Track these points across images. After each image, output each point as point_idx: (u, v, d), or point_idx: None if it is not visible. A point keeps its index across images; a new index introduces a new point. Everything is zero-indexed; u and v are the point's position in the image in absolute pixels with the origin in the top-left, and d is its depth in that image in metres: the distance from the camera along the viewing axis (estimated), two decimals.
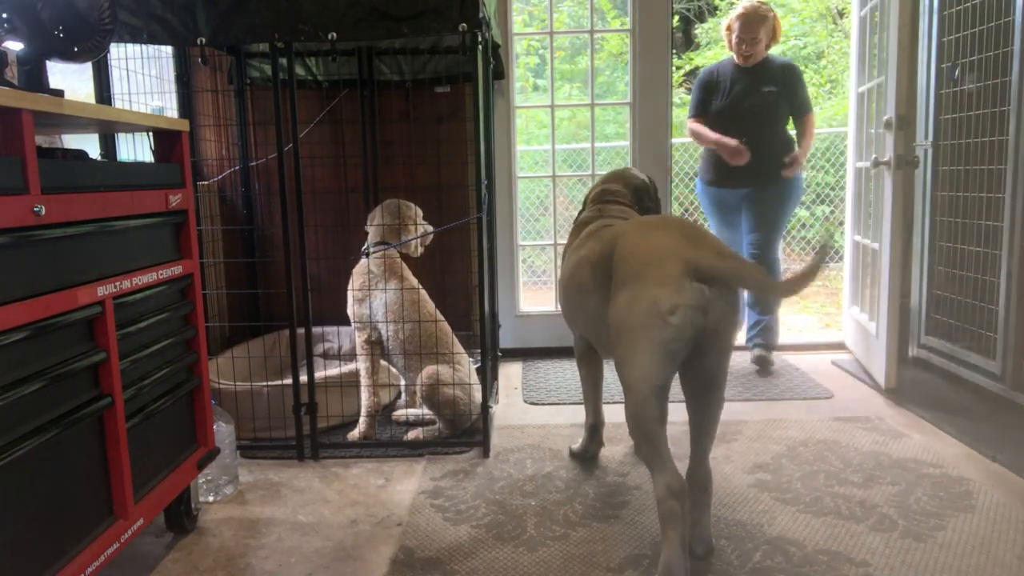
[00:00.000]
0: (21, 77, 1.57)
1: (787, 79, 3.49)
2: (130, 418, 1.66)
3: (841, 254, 4.69)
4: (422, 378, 2.69)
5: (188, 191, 1.94)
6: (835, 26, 8.63)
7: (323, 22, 2.29)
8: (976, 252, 3.14)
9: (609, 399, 3.19)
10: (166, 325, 1.86)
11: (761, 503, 2.16)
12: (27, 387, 1.34)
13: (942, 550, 1.87)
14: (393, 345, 2.76)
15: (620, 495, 2.24)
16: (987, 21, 3.04)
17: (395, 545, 1.98)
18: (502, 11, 3.61)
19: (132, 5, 2.30)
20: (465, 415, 2.75)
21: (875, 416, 2.87)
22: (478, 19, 2.28)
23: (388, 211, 2.88)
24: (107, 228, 1.59)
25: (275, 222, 3.57)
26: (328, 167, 3.57)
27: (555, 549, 1.93)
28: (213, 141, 3.54)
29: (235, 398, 2.69)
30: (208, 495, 2.27)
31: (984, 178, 3.11)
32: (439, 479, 2.39)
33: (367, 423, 2.75)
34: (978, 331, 3.11)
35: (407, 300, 2.75)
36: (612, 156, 5.49)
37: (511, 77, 3.77)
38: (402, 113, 3.58)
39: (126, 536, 1.62)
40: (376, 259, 2.79)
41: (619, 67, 7.26)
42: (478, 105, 2.58)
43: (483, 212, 2.66)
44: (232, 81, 3.45)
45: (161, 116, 2.67)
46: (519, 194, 4.02)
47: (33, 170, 1.34)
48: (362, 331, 2.80)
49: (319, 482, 2.40)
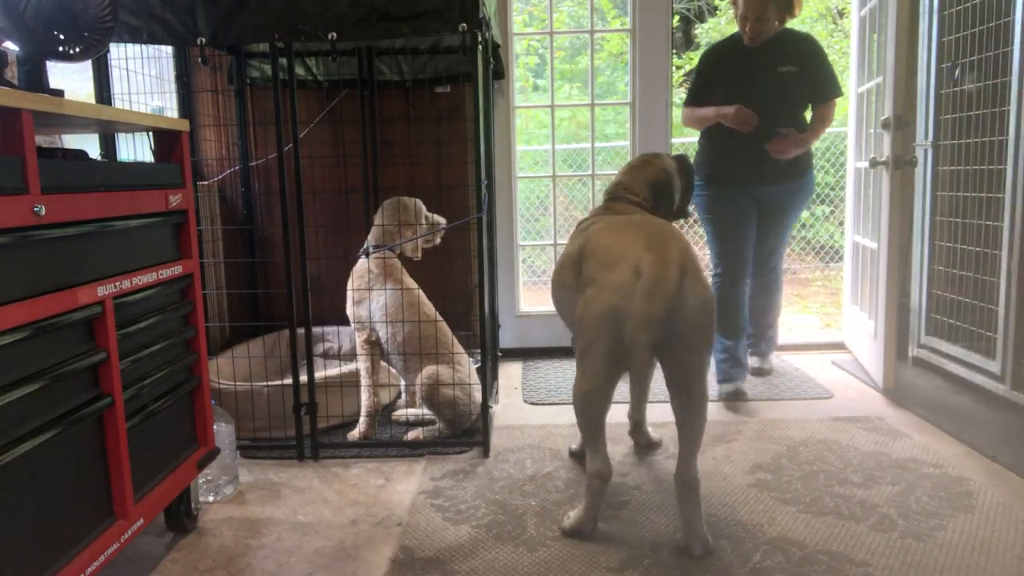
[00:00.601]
0: (21, 77, 1.57)
1: (807, 57, 2.97)
2: (130, 418, 1.66)
3: (841, 254, 4.69)
4: (422, 378, 2.69)
5: (188, 191, 1.94)
6: (835, 26, 8.63)
7: (323, 22, 2.30)
8: (976, 252, 3.14)
9: None
10: (166, 325, 1.86)
11: (761, 503, 2.16)
12: (27, 387, 1.34)
13: (942, 550, 1.87)
14: (391, 347, 2.76)
15: (620, 495, 2.24)
16: (987, 21, 3.04)
17: (395, 545, 1.98)
18: (502, 11, 3.61)
19: (132, 5, 2.30)
20: (465, 415, 2.75)
21: (875, 416, 2.87)
22: (478, 19, 2.28)
23: (387, 211, 2.88)
24: (107, 228, 1.59)
25: (275, 222, 3.57)
26: (328, 167, 3.57)
27: (555, 549, 1.93)
28: (213, 141, 3.54)
29: (235, 398, 2.69)
30: (208, 495, 2.27)
31: (984, 178, 3.11)
32: (439, 479, 2.39)
33: (367, 423, 2.75)
34: (978, 331, 3.11)
35: (405, 302, 2.75)
36: (612, 156, 5.48)
37: (511, 77, 3.77)
38: (402, 113, 3.58)
39: (126, 536, 1.62)
40: (375, 260, 2.79)
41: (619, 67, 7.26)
42: (478, 105, 2.58)
43: (483, 212, 2.66)
44: (232, 81, 3.45)
45: (161, 116, 2.67)
46: (519, 194, 4.02)
47: (33, 170, 1.34)
48: (361, 331, 2.80)
49: (319, 482, 2.40)
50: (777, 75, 2.93)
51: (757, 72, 2.94)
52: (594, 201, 4.17)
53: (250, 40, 2.48)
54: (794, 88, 2.95)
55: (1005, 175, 2.92)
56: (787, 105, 2.95)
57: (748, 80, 2.95)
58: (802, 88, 2.96)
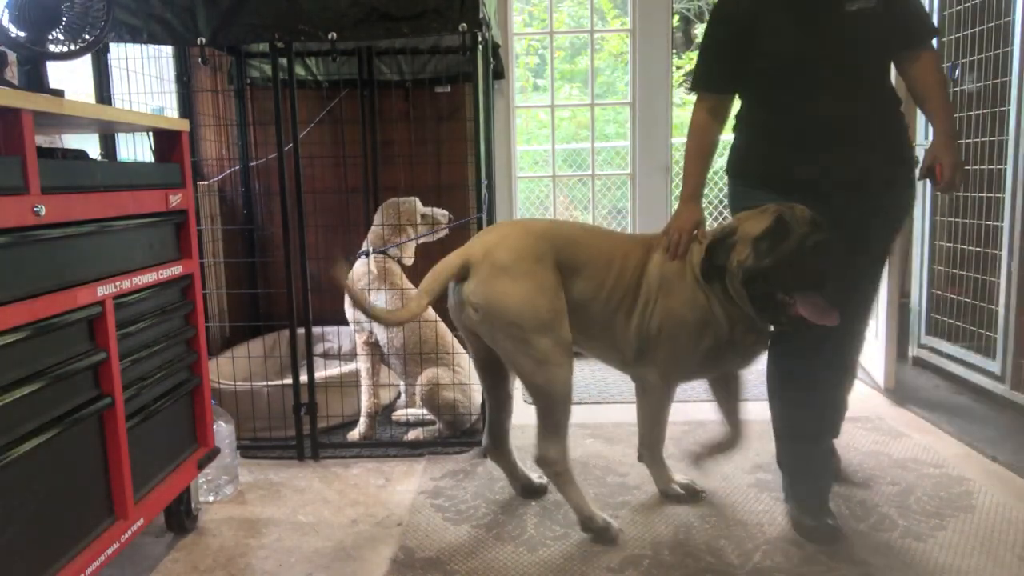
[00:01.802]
0: (21, 77, 1.57)
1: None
2: (130, 418, 1.65)
3: None
4: (422, 380, 2.70)
5: (188, 191, 1.94)
6: None
7: (323, 22, 2.30)
8: (976, 252, 3.14)
9: (610, 399, 3.19)
10: (166, 325, 1.86)
11: (761, 503, 2.16)
12: (27, 387, 1.34)
13: (942, 550, 1.87)
14: (390, 348, 2.76)
15: (620, 495, 2.24)
16: (987, 21, 3.04)
17: (395, 545, 1.98)
18: (502, 11, 3.61)
19: (132, 5, 2.30)
20: (465, 418, 2.75)
21: (875, 416, 2.87)
22: (478, 19, 2.28)
23: (383, 213, 2.88)
24: (107, 228, 1.59)
25: (275, 222, 3.56)
26: (328, 167, 3.57)
27: (555, 549, 1.93)
28: (213, 141, 3.54)
29: (235, 398, 2.69)
30: (208, 495, 2.27)
31: (984, 178, 3.10)
32: (439, 479, 2.39)
33: (367, 423, 2.75)
34: (978, 331, 3.11)
35: (404, 303, 2.75)
36: (612, 156, 5.48)
37: (511, 77, 3.77)
38: (402, 113, 3.58)
39: (126, 536, 1.62)
40: (375, 261, 2.80)
41: (619, 67, 7.25)
42: (478, 105, 2.58)
43: (483, 212, 2.66)
44: (232, 81, 3.45)
45: (161, 116, 2.67)
46: (519, 194, 4.02)
47: (33, 170, 1.34)
48: (361, 332, 2.80)
49: (319, 482, 2.40)
50: (847, 15, 1.83)
51: (816, 13, 1.85)
52: (594, 201, 4.17)
53: (250, 40, 2.48)
54: (875, 32, 1.85)
55: (1005, 175, 2.92)
56: (867, 60, 1.88)
57: (803, 30, 1.86)
58: (884, 32, 1.85)
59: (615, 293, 2.02)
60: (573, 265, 2.01)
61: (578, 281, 2.01)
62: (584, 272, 2.02)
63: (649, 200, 3.92)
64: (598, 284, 2.01)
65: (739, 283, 1.86)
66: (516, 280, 1.91)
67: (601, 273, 2.02)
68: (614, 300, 2.02)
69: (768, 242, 1.81)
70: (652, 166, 3.80)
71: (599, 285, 2.01)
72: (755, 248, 1.83)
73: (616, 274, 2.02)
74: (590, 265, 2.02)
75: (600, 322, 2.04)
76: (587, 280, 2.02)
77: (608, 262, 2.03)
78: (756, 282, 1.84)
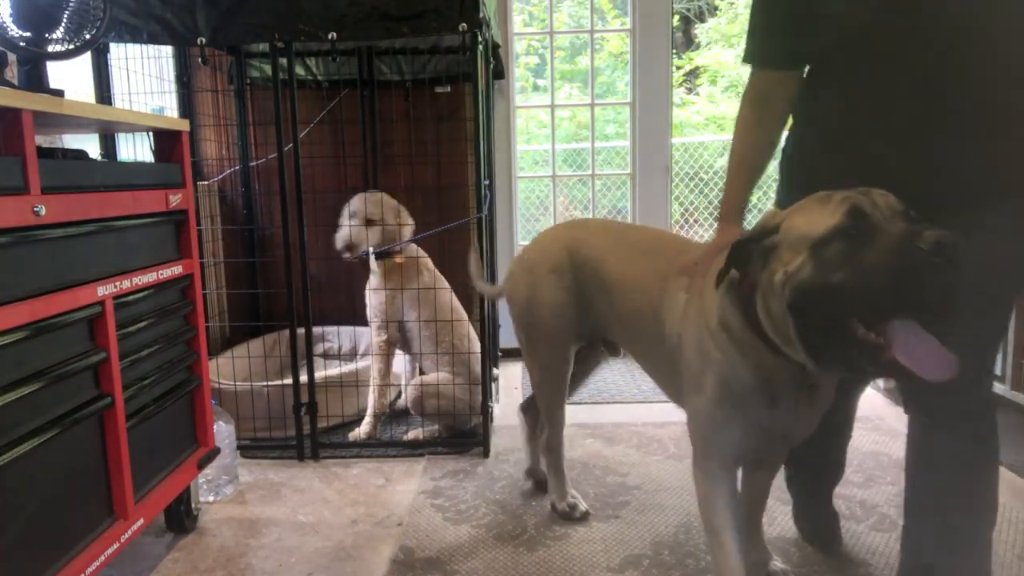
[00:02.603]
0: (21, 77, 1.57)
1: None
2: (130, 418, 1.66)
3: None
4: (414, 382, 2.73)
5: (188, 191, 1.94)
6: None
7: (323, 22, 2.30)
8: None
9: (610, 399, 3.19)
10: (166, 325, 1.86)
11: None
12: (27, 387, 1.34)
13: None
14: (425, 346, 2.79)
15: (620, 495, 2.24)
16: None
17: (395, 545, 1.98)
18: (502, 11, 3.61)
19: (132, 5, 2.30)
20: (464, 418, 2.75)
21: (875, 416, 2.87)
22: (478, 19, 2.28)
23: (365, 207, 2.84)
24: (107, 228, 1.59)
25: (275, 222, 3.57)
26: (328, 167, 3.57)
27: (555, 549, 1.93)
28: (213, 141, 3.54)
29: (235, 398, 2.68)
30: (208, 495, 2.27)
31: None
32: (439, 479, 2.39)
33: (371, 424, 2.75)
34: None
35: (429, 298, 2.79)
36: (612, 156, 5.48)
37: (511, 77, 3.77)
38: (402, 113, 3.58)
39: (126, 536, 1.62)
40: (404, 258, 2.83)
41: (619, 67, 7.25)
42: (478, 105, 2.58)
43: (483, 212, 2.66)
44: (232, 81, 3.45)
45: (161, 116, 2.67)
46: (519, 194, 4.02)
47: (33, 170, 1.34)
48: (382, 331, 2.79)
49: (319, 482, 2.40)
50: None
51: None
52: (594, 201, 4.17)
53: (250, 40, 2.48)
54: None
55: None
56: (1002, 45, 1.27)
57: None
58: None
59: (643, 324, 1.65)
60: (598, 282, 1.80)
61: (603, 299, 1.79)
62: (615, 292, 1.75)
63: (649, 200, 3.92)
64: (633, 311, 1.69)
65: (781, 307, 1.21)
66: (524, 284, 2.01)
67: (633, 297, 1.69)
68: (646, 333, 1.63)
69: (839, 246, 1.15)
70: (652, 166, 3.80)
71: (635, 312, 1.68)
72: (815, 255, 1.17)
73: (642, 304, 1.65)
74: (618, 288, 1.73)
75: (647, 354, 1.75)
76: (619, 303, 1.74)
77: (637, 288, 1.67)
78: (813, 306, 1.18)
